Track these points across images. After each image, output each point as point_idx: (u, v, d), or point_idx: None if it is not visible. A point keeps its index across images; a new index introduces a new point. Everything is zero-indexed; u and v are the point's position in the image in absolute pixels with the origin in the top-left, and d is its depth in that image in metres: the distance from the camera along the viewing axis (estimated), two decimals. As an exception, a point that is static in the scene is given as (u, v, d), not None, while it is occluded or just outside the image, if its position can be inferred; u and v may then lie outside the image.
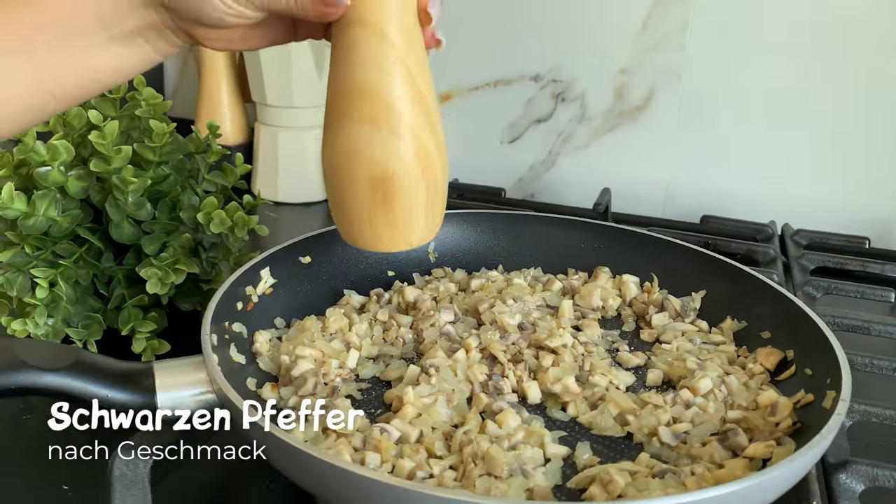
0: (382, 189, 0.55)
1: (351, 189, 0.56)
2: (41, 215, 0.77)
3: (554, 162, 1.25)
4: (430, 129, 0.56)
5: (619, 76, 1.18)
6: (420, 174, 0.55)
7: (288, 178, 1.21)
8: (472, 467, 0.52)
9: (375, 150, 0.54)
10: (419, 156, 0.55)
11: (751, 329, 0.71)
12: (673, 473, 0.53)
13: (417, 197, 0.56)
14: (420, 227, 0.58)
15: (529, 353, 0.65)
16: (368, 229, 0.57)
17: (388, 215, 0.56)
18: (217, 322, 0.60)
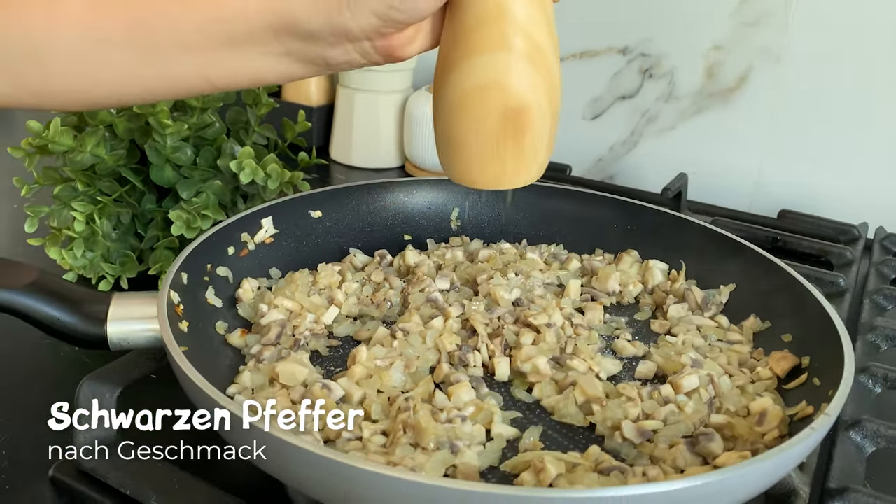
0: (515, 121, 0.50)
1: (477, 125, 0.51)
2: (87, 152, 0.81)
3: (636, 143, 1.18)
4: (557, 57, 0.52)
5: (712, 53, 1.10)
6: (548, 104, 0.52)
7: (361, 141, 1.21)
8: (401, 435, 0.50)
9: (511, 79, 0.50)
10: (550, 84, 0.51)
11: (773, 330, 0.64)
12: (620, 472, 0.48)
13: (544, 128, 0.52)
14: (541, 161, 0.55)
15: (511, 330, 0.62)
16: (493, 165, 0.53)
17: (517, 150, 0.52)
18: (197, 262, 0.61)
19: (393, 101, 1.19)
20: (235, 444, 0.46)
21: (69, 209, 0.82)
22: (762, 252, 0.68)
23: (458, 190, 0.79)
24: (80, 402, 0.56)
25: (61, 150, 0.80)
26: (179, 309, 0.56)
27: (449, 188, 0.79)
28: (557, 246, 0.77)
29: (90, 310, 0.53)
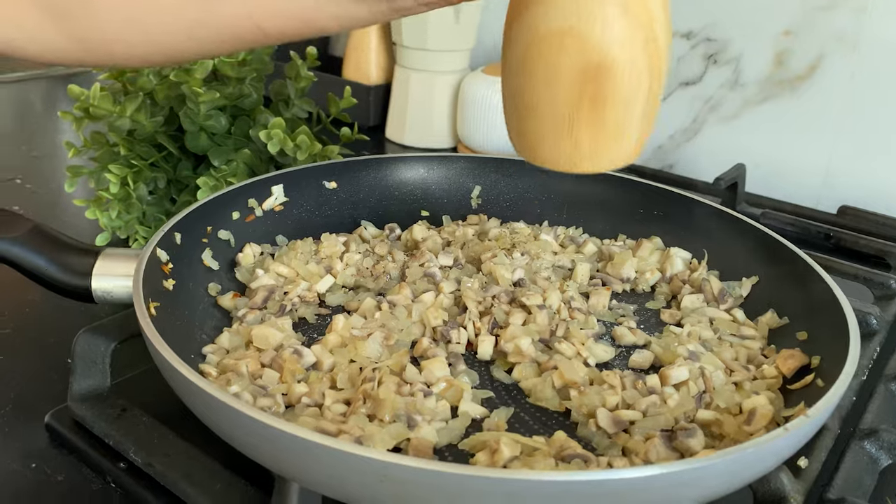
0: (595, 84, 0.41)
1: (548, 84, 0.42)
2: (127, 117, 0.83)
3: (697, 131, 1.13)
4: (662, 6, 0.42)
5: (782, 39, 1.03)
6: (645, 67, 0.41)
7: (415, 121, 1.20)
8: (360, 405, 0.49)
9: (594, 28, 0.40)
10: (648, 41, 0.41)
11: (790, 328, 0.59)
12: (583, 461, 0.46)
13: (637, 98, 0.42)
14: (631, 141, 0.45)
15: (502, 309, 0.60)
16: (565, 141, 0.44)
17: (596, 122, 0.43)
18: (196, 224, 0.61)
19: (449, 81, 1.18)
20: (183, 399, 0.46)
21: (107, 171, 0.85)
22: (790, 245, 0.63)
23: (480, 167, 0.77)
24: (76, 353, 0.57)
25: (102, 115, 0.83)
26: (167, 267, 0.57)
27: (471, 165, 0.77)
28: (577, 229, 0.74)
29: (77, 263, 0.54)
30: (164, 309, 0.54)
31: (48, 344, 0.66)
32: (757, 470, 0.43)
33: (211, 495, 0.49)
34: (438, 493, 0.37)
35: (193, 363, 0.53)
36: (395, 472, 0.37)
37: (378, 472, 0.37)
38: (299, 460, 0.39)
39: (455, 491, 0.36)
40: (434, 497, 0.37)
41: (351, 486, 0.39)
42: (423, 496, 0.37)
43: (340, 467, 0.38)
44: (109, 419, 0.56)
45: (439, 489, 0.36)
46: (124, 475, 0.53)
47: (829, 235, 0.84)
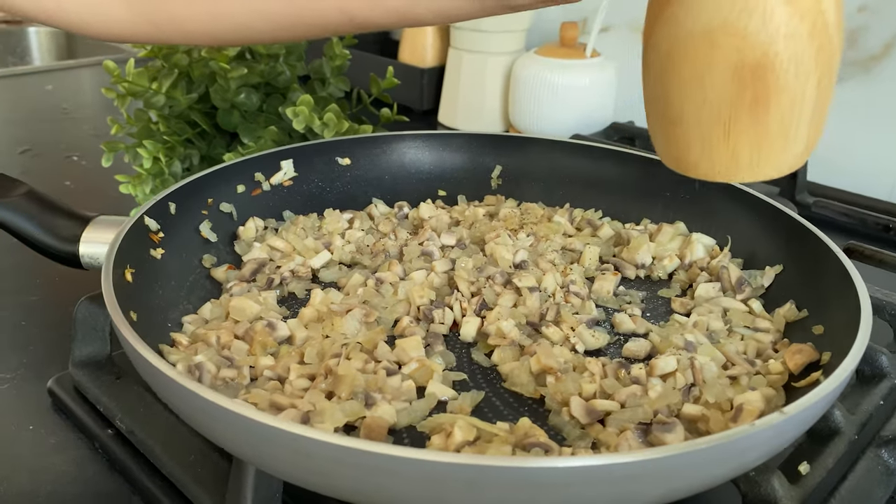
0: (754, 85, 0.37)
1: (697, 90, 0.38)
2: (163, 93, 0.84)
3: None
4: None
5: (855, 16, 0.95)
6: (813, 61, 0.36)
7: (467, 104, 1.18)
8: (321, 380, 0.47)
9: (751, 21, 0.36)
10: (816, 30, 0.36)
11: (808, 321, 0.54)
12: (544, 451, 0.43)
13: (805, 98, 0.37)
14: (799, 147, 0.39)
15: (493, 290, 0.57)
16: (721, 149, 0.39)
17: (757, 128, 0.38)
18: (195, 195, 0.61)
19: (501, 63, 1.15)
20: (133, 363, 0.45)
21: (140, 147, 0.87)
22: (815, 231, 0.57)
23: (501, 146, 0.75)
24: (77, 321, 0.58)
25: (138, 91, 0.84)
26: (157, 236, 0.57)
27: (491, 143, 0.74)
28: (596, 212, 0.70)
29: (67, 228, 0.55)
30: (145, 276, 0.54)
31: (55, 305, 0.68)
32: (723, 468, 0.39)
33: (183, 465, 0.49)
34: (345, 469, 0.35)
35: (170, 331, 0.53)
36: (304, 446, 0.35)
37: (290, 446, 0.35)
38: (223, 429, 0.38)
39: (364, 467, 0.34)
40: (343, 472, 0.35)
41: (275, 461, 0.38)
42: (334, 471, 0.35)
43: (257, 438, 0.36)
44: (103, 386, 0.57)
45: (343, 464, 0.34)
46: (110, 441, 0.54)
47: (889, 227, 0.77)
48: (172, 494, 0.49)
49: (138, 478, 0.51)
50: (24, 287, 0.73)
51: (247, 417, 0.36)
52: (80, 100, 1.32)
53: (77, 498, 0.50)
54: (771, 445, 0.40)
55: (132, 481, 0.51)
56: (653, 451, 0.35)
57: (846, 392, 0.54)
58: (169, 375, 0.38)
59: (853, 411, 0.52)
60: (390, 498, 0.37)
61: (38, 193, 0.56)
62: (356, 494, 0.38)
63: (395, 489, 0.35)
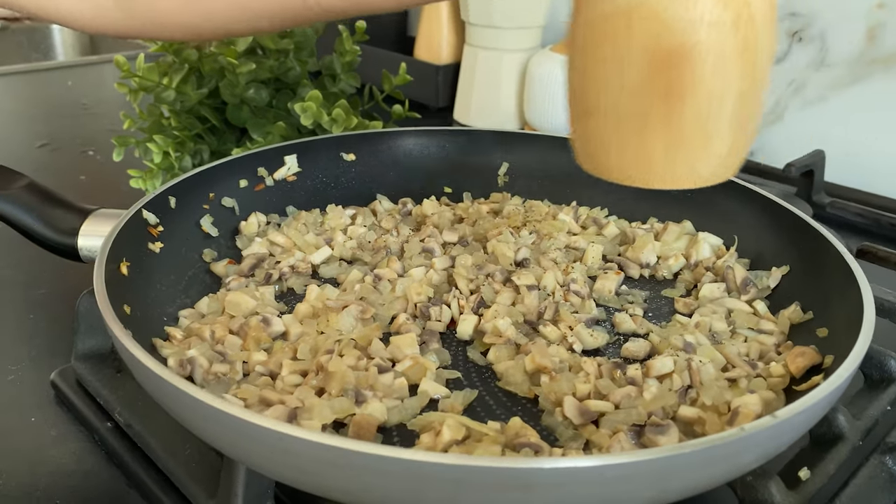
0: (670, 74, 0.34)
1: (616, 72, 0.35)
2: (173, 88, 0.85)
3: (780, 116, 1.04)
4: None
5: (875, 12, 0.93)
6: (736, 55, 0.34)
7: (482, 102, 1.17)
8: (312, 376, 0.47)
9: (671, 5, 0.33)
10: (741, 22, 0.34)
11: (813, 323, 0.53)
12: (534, 451, 0.42)
13: (725, 95, 0.35)
14: (719, 152, 0.36)
15: (492, 288, 0.56)
16: (634, 147, 0.36)
17: (672, 119, 0.35)
18: (196, 189, 0.61)
19: (517, 60, 1.14)
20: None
21: (150, 142, 0.87)
22: (823, 232, 0.56)
23: (508, 142, 0.74)
24: (80, 314, 0.58)
25: (149, 87, 0.85)
26: (156, 230, 0.57)
27: (498, 140, 0.74)
28: (602, 210, 0.69)
29: (65, 221, 0.55)
30: (142, 270, 0.54)
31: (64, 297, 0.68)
32: (713, 472, 0.38)
33: (178, 460, 0.49)
34: (327, 467, 0.34)
35: (166, 325, 0.53)
36: (286, 443, 0.34)
37: (273, 443, 0.35)
38: (206, 425, 0.38)
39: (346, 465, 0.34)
40: (325, 470, 0.35)
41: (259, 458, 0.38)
42: (316, 470, 0.35)
43: (240, 435, 0.36)
44: (104, 379, 0.57)
45: (324, 462, 0.34)
46: (109, 434, 0.54)
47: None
48: (167, 489, 0.49)
49: (135, 471, 0.51)
50: (33, 279, 0.73)
51: (228, 413, 0.36)
52: (100, 95, 1.33)
53: (74, 490, 0.50)
54: (764, 450, 0.39)
55: (129, 475, 0.51)
56: (637, 454, 0.34)
57: (852, 396, 0.53)
58: (152, 369, 0.38)
59: (858, 416, 0.51)
60: (378, 498, 0.36)
61: (38, 186, 0.57)
62: (343, 494, 0.37)
63: (381, 488, 0.35)
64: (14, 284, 0.73)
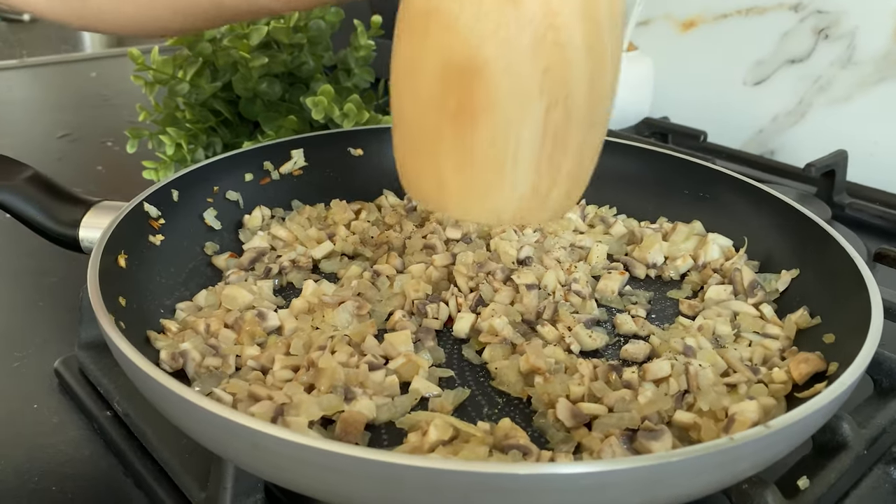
0: (460, 90, 0.31)
1: (413, 81, 0.32)
2: (187, 81, 0.85)
3: (804, 114, 1.02)
4: (586, 8, 0.30)
5: (902, 11, 0.91)
6: (536, 79, 0.30)
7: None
8: (303, 372, 0.47)
9: (463, 11, 0.30)
10: (543, 46, 0.30)
11: (820, 329, 0.52)
12: (522, 454, 0.41)
13: (523, 124, 0.31)
14: (522, 187, 0.32)
15: (491, 286, 0.55)
16: (429, 166, 0.33)
17: (463, 145, 0.31)
18: (201, 183, 0.61)
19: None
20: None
21: (163, 134, 0.87)
22: (834, 235, 0.54)
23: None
24: (84, 303, 0.59)
25: (164, 79, 0.85)
26: (157, 223, 0.57)
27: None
28: (610, 209, 0.68)
29: (67, 213, 0.55)
30: (141, 262, 0.54)
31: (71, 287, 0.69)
32: (702, 480, 0.37)
33: (173, 451, 0.49)
34: (307, 467, 0.34)
35: (163, 317, 0.53)
36: (263, 441, 0.34)
37: (250, 441, 0.35)
38: (183, 417, 0.38)
39: (325, 466, 0.34)
40: (304, 470, 0.34)
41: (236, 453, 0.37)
42: (292, 468, 0.35)
43: (220, 430, 0.36)
44: (105, 368, 0.57)
45: (303, 462, 0.34)
46: (108, 423, 0.54)
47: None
48: (161, 479, 0.49)
49: (131, 461, 0.51)
50: (45, 268, 0.74)
51: (205, 409, 0.35)
52: (121, 87, 1.34)
53: (70, 479, 0.50)
54: (757, 459, 0.38)
55: (125, 464, 0.51)
56: (615, 462, 0.33)
57: (859, 404, 0.51)
58: (134, 362, 0.38)
59: (864, 424, 0.49)
60: (354, 498, 0.36)
61: (42, 177, 0.57)
62: (321, 493, 0.37)
63: (354, 489, 0.34)
64: (26, 272, 0.74)
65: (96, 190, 0.93)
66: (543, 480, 0.33)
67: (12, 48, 1.76)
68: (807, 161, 0.86)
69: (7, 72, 1.40)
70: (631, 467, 0.33)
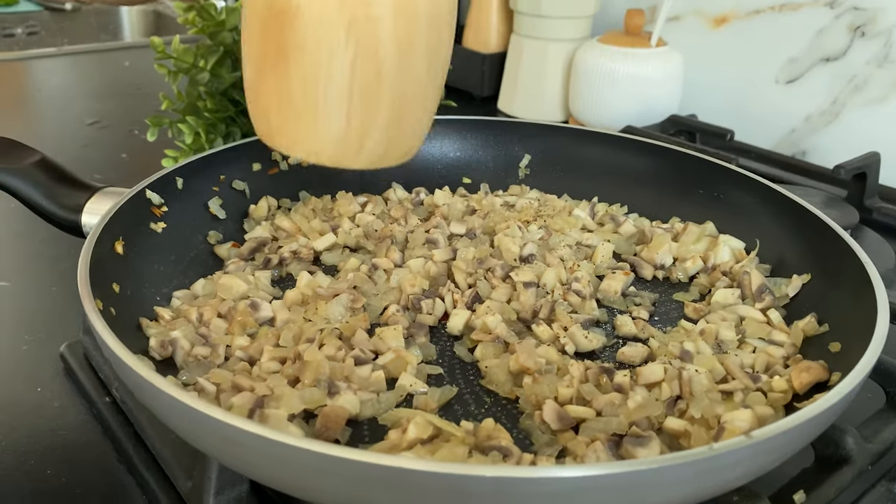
0: (278, 36, 0.34)
1: (247, 31, 0.37)
2: (207, 70, 0.85)
3: (837, 115, 0.98)
4: None
5: (943, 8, 0.87)
6: (343, 33, 0.34)
7: (526, 92, 1.15)
8: (290, 364, 0.46)
9: None
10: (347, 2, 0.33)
11: (827, 337, 0.50)
12: (503, 455, 0.40)
13: (332, 70, 0.34)
14: (336, 129, 0.36)
15: (489, 284, 0.54)
16: (259, 105, 0.38)
17: (282, 85, 0.35)
18: (207, 171, 0.61)
19: (563, 50, 1.11)
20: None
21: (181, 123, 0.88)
22: (848, 241, 0.52)
23: (531, 134, 0.72)
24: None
25: (185, 68, 0.85)
26: (160, 210, 0.57)
27: (522, 133, 0.72)
28: (621, 206, 0.66)
29: (71, 198, 0.56)
30: (141, 249, 0.54)
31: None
32: (683, 490, 0.35)
33: (164, 440, 0.49)
34: (273, 462, 0.34)
35: (160, 304, 0.53)
36: (233, 435, 0.34)
37: (219, 433, 0.34)
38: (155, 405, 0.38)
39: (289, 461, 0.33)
40: (270, 465, 0.34)
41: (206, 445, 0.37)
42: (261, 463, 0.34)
43: (188, 421, 0.36)
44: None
45: (272, 457, 0.33)
46: (106, 409, 0.54)
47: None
48: (152, 467, 0.49)
49: (125, 447, 0.51)
50: (59, 254, 0.74)
51: (171, 396, 0.35)
52: (151, 76, 1.35)
53: (66, 462, 0.51)
54: (742, 470, 0.36)
55: (119, 450, 0.52)
56: (585, 469, 0.32)
57: (868, 417, 0.49)
58: (109, 345, 0.38)
59: (871, 439, 0.47)
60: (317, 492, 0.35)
61: (49, 162, 0.57)
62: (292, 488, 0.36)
63: (318, 483, 0.34)
64: (43, 257, 0.75)
65: (117, 177, 0.94)
66: (505, 484, 0.32)
67: (54, 37, 1.79)
68: (839, 162, 0.83)
69: (47, 59, 1.42)
70: (598, 474, 0.32)
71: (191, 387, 0.45)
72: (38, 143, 0.60)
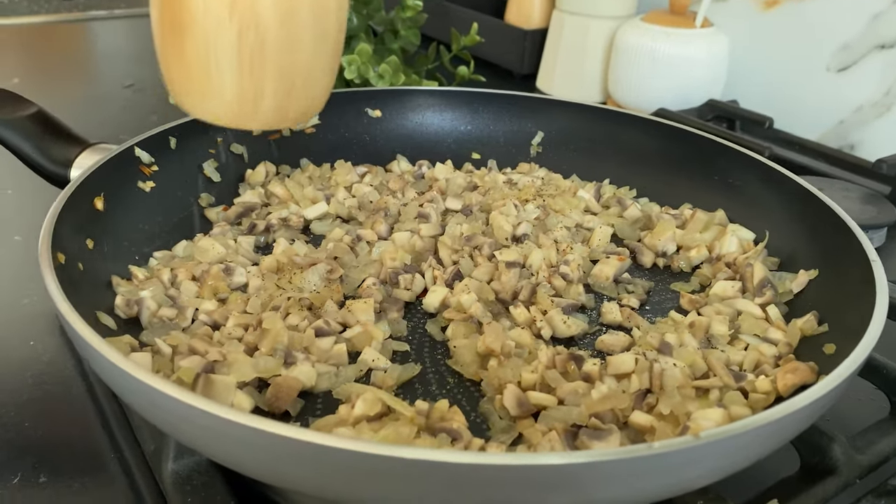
0: (172, 7, 0.38)
1: (154, 5, 0.40)
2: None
3: (890, 106, 0.92)
4: None
5: None
6: (228, 5, 0.37)
7: (565, 70, 1.11)
8: (251, 331, 0.45)
9: None
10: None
11: (824, 338, 0.46)
12: (452, 439, 0.38)
13: (220, 41, 0.37)
14: (228, 92, 0.39)
15: (470, 261, 0.52)
16: (165, 64, 0.41)
17: (181, 51, 0.39)
18: (203, 133, 0.61)
19: (605, 28, 1.07)
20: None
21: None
22: (861, 238, 0.48)
23: (545, 111, 0.69)
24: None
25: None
26: (149, 169, 0.57)
27: (536, 109, 0.69)
28: (630, 189, 0.63)
29: (62, 152, 0.55)
30: (124, 206, 0.53)
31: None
32: (625, 490, 0.33)
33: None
34: (188, 426, 0.33)
35: (138, 263, 0.53)
36: (157, 399, 0.33)
37: (147, 397, 0.33)
38: (101, 369, 0.37)
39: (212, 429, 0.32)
40: (185, 428, 0.33)
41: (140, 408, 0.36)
42: (176, 425, 0.33)
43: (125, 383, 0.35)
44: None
45: (186, 420, 0.32)
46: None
47: None
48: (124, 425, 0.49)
49: (102, 405, 0.51)
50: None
51: (103, 356, 0.34)
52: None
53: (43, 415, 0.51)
54: (693, 472, 0.33)
55: (100, 410, 0.52)
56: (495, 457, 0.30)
57: (867, 426, 0.46)
58: (54, 298, 0.37)
59: (863, 450, 0.43)
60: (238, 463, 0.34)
61: (45, 115, 0.57)
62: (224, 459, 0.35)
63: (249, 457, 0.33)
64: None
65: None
66: (425, 467, 0.30)
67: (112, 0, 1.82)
68: (882, 157, 0.78)
69: (95, 22, 1.45)
70: (511, 464, 0.30)
71: (148, 347, 0.44)
72: (79, 104, 0.60)
